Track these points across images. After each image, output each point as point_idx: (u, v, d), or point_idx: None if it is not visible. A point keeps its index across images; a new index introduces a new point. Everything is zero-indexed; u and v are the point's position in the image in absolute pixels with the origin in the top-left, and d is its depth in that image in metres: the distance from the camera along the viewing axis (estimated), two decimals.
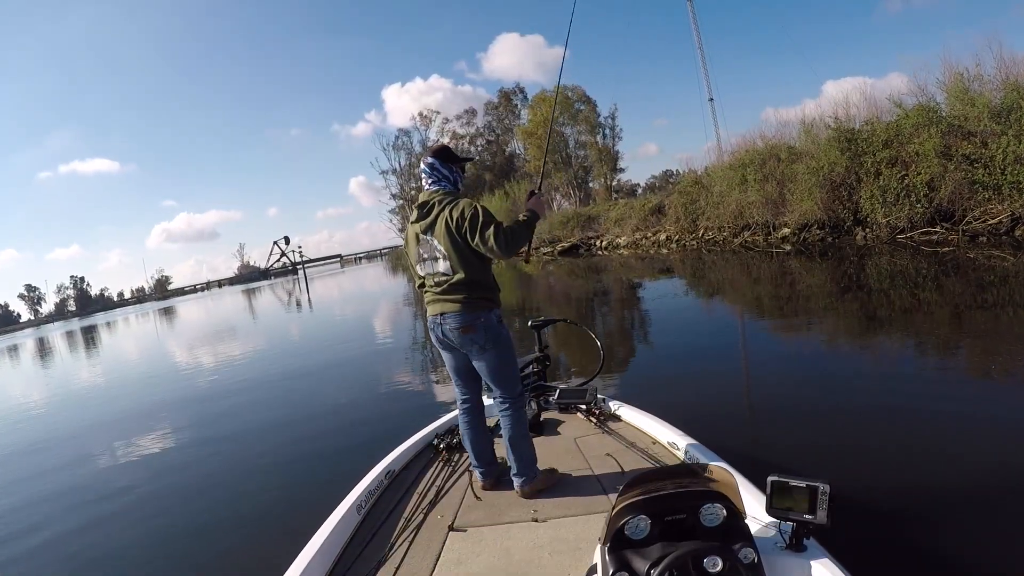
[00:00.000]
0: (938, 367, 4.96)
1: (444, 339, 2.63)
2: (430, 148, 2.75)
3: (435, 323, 2.63)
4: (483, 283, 2.57)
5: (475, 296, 2.55)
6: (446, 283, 2.56)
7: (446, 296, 2.57)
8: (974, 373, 4.66)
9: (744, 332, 7.56)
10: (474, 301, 2.54)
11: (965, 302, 6.75)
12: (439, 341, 2.67)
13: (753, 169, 16.87)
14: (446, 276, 2.56)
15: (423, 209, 2.61)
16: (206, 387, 9.68)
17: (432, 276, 2.62)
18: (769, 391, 4.95)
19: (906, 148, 12.68)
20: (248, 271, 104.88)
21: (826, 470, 1.72)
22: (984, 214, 11.34)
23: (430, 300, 2.64)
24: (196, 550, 3.71)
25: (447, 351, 2.71)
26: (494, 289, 2.64)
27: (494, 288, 2.64)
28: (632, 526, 1.53)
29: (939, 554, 2.44)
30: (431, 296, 2.64)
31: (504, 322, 2.66)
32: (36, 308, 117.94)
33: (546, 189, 33.14)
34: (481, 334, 2.55)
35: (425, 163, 2.68)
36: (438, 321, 2.61)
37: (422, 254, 2.64)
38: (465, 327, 2.54)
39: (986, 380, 4.45)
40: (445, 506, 2.60)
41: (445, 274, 2.56)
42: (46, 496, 5.29)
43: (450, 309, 2.55)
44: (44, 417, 9.69)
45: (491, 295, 2.61)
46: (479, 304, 2.55)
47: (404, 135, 54.55)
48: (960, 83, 12.75)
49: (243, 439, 6.10)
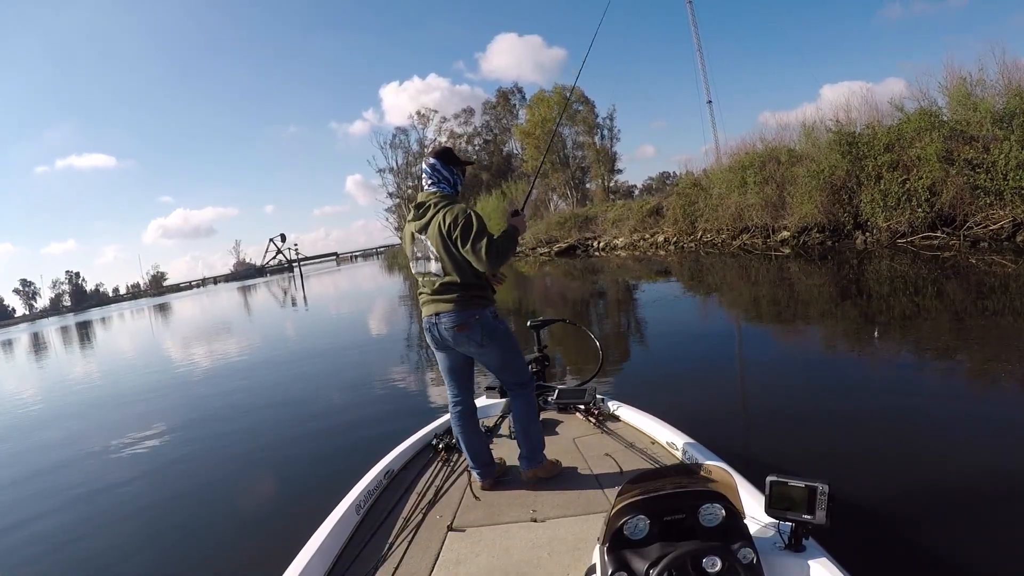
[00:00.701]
0: (937, 370, 4.98)
1: (440, 339, 2.66)
2: (432, 149, 2.78)
3: (430, 323, 2.65)
4: (475, 284, 2.60)
5: (468, 295, 2.58)
6: (438, 283, 2.60)
7: (439, 296, 2.60)
8: (974, 377, 4.68)
9: (743, 334, 7.58)
10: (467, 300, 2.58)
11: (965, 308, 6.77)
12: (434, 341, 2.70)
13: (753, 171, 16.89)
14: (438, 277, 2.60)
15: (419, 209, 2.65)
16: (201, 386, 9.66)
17: (424, 276, 2.66)
18: (768, 392, 4.97)
19: (908, 152, 12.70)
20: (244, 268, 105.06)
21: (825, 470, 1.73)
22: (986, 219, 11.36)
23: (424, 301, 2.68)
24: (193, 550, 3.71)
25: (441, 351, 2.74)
26: (487, 288, 2.67)
27: (487, 287, 2.67)
28: (631, 526, 1.54)
29: (938, 554, 2.46)
30: (425, 297, 2.67)
31: (500, 317, 2.70)
32: (31, 303, 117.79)
33: (543, 189, 33.08)
34: (477, 331, 2.58)
35: (426, 163, 2.71)
36: (433, 321, 2.63)
37: (416, 253, 2.69)
38: (460, 325, 2.57)
39: (986, 384, 4.47)
40: (444, 506, 2.61)
41: (437, 275, 2.60)
42: (40, 494, 5.29)
43: (444, 309, 2.59)
44: (37, 414, 9.67)
45: (484, 293, 2.64)
46: (473, 302, 2.58)
47: (402, 134, 54.66)
48: (963, 88, 12.79)
49: (241, 439, 6.09)
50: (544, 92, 42.13)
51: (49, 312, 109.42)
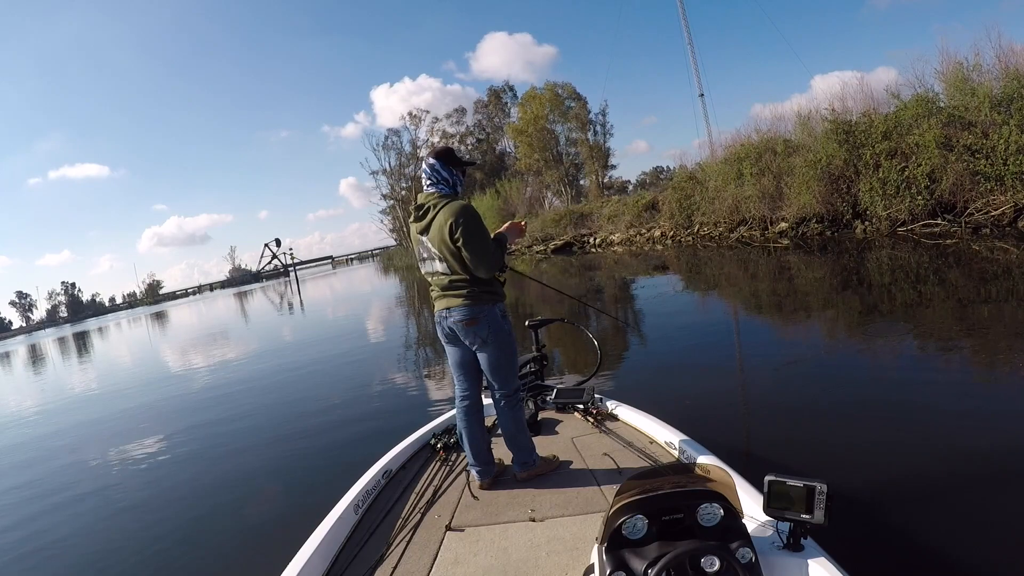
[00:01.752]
0: (939, 364, 4.93)
1: (449, 333, 2.74)
2: (432, 149, 2.80)
3: (441, 317, 2.73)
4: (483, 280, 2.65)
5: (478, 291, 2.64)
6: (447, 281, 2.67)
7: (449, 292, 2.68)
8: (976, 370, 4.64)
9: (741, 330, 7.57)
10: (477, 295, 2.64)
11: (968, 296, 6.75)
12: (445, 335, 2.78)
13: (749, 163, 16.86)
14: (445, 275, 2.66)
15: (419, 211, 2.68)
16: (200, 390, 9.66)
17: (433, 275, 2.72)
18: (767, 390, 4.95)
19: (906, 139, 12.68)
20: (239, 274, 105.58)
21: (824, 470, 1.74)
22: (986, 205, 11.35)
23: (436, 296, 2.76)
24: (192, 551, 3.72)
25: (451, 345, 2.81)
26: (496, 284, 2.72)
27: (495, 283, 2.71)
28: (629, 526, 1.55)
29: (937, 553, 2.45)
30: (436, 293, 2.75)
31: (508, 317, 2.74)
32: (28, 315, 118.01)
33: (537, 187, 33.00)
34: (484, 327, 2.65)
35: (427, 164, 2.73)
36: (444, 315, 2.71)
37: (422, 254, 2.75)
38: (469, 320, 2.64)
39: (989, 377, 4.44)
40: (442, 506, 2.63)
41: (444, 273, 2.66)
42: (39, 498, 5.28)
43: (455, 304, 2.66)
44: (37, 423, 9.65)
45: (493, 289, 2.69)
46: (482, 298, 2.65)
47: (394, 135, 54.50)
48: (960, 73, 12.79)
49: (238, 441, 6.10)
50: (536, 89, 42.33)
51: (46, 324, 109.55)
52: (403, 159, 52.62)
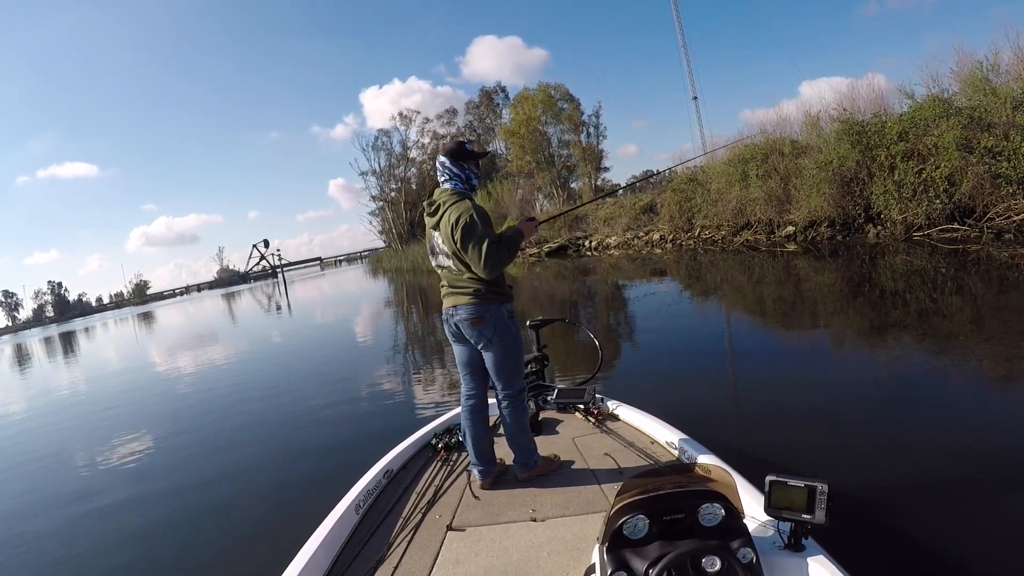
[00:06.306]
0: (947, 368, 4.95)
1: (456, 330, 2.80)
2: (443, 146, 2.84)
3: (448, 315, 2.80)
4: (490, 279, 2.69)
5: (484, 290, 2.69)
6: (454, 278, 2.73)
7: (456, 289, 2.74)
8: (986, 374, 4.66)
9: (743, 333, 7.60)
10: (484, 294, 2.69)
11: (988, 303, 6.69)
12: (451, 332, 2.84)
13: (755, 164, 16.61)
14: (453, 272, 2.73)
15: (432, 207, 2.74)
16: (193, 391, 9.72)
17: (442, 269, 2.79)
18: (768, 391, 4.99)
19: (923, 141, 12.54)
20: (228, 275, 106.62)
21: (825, 470, 1.78)
22: (1008, 210, 11.25)
23: (444, 293, 2.81)
24: (191, 551, 3.78)
25: (458, 343, 2.86)
26: (503, 284, 2.77)
27: (502, 283, 2.77)
28: (630, 525, 1.59)
29: (938, 553, 2.50)
30: (445, 289, 2.81)
31: (515, 318, 2.80)
32: (14, 314, 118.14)
33: (529, 190, 32.68)
34: (490, 326, 2.70)
35: (438, 161, 2.80)
36: (451, 313, 2.77)
37: (433, 247, 2.81)
38: (475, 318, 2.70)
39: (997, 381, 4.47)
40: (443, 505, 2.68)
41: (452, 269, 2.73)
42: (37, 498, 5.34)
43: (462, 301, 2.71)
44: (26, 423, 9.70)
45: (501, 289, 2.75)
46: (490, 297, 2.70)
47: (384, 135, 54.05)
48: (977, 72, 12.72)
49: (237, 441, 6.17)
50: (528, 90, 42.42)
51: (32, 323, 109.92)
52: (393, 160, 52.49)
